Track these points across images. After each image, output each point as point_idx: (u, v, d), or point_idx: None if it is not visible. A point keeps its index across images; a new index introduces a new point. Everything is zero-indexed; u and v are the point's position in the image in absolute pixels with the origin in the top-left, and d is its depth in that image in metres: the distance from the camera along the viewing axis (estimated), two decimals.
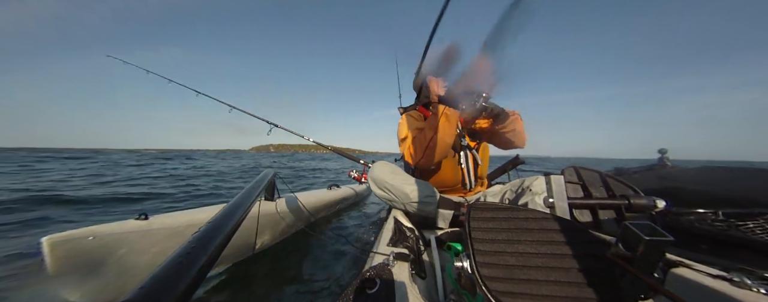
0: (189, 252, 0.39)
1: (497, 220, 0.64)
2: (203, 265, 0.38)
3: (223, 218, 0.53)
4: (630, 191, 1.24)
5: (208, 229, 0.47)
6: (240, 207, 0.62)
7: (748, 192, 1.33)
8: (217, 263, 0.44)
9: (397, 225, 0.97)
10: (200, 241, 0.43)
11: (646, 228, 0.53)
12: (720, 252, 1.09)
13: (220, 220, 0.52)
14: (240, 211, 0.60)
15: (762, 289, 0.51)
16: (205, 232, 0.46)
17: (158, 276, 0.33)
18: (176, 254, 0.38)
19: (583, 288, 0.51)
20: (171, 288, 0.32)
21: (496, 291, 0.50)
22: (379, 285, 0.53)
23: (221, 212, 0.56)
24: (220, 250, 0.45)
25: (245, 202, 0.68)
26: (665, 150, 2.29)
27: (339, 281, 1.32)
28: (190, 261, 0.37)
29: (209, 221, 0.50)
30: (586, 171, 1.37)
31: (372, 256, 0.77)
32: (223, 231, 0.48)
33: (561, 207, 0.98)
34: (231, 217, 0.55)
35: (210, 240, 0.44)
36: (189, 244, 0.41)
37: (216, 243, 0.44)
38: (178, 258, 0.37)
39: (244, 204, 0.66)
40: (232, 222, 0.53)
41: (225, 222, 0.52)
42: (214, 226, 0.49)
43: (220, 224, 0.50)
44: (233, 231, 0.52)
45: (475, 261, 0.56)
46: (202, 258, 0.39)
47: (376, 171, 1.25)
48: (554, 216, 0.65)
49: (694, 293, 0.57)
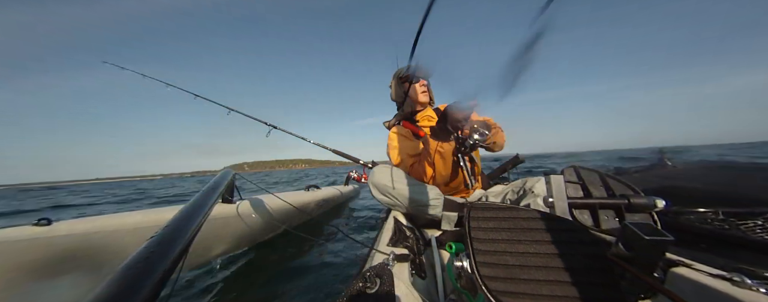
0: (147, 258, 0.36)
1: (497, 220, 0.64)
2: (163, 274, 0.35)
3: (179, 222, 0.49)
4: (630, 191, 1.24)
5: (166, 233, 0.44)
6: (196, 211, 0.57)
7: (748, 191, 1.33)
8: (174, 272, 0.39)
9: (397, 225, 0.97)
10: (160, 246, 0.39)
11: (646, 227, 0.53)
12: (720, 251, 1.09)
13: (177, 224, 0.47)
14: (196, 215, 0.55)
15: (762, 289, 0.51)
16: (162, 237, 0.42)
17: (113, 284, 0.31)
18: (133, 260, 0.35)
19: (583, 287, 0.51)
20: (127, 296, 0.30)
21: (496, 291, 0.50)
22: (379, 285, 0.53)
23: (178, 215, 0.52)
24: (180, 257, 0.41)
25: (202, 205, 0.61)
26: (665, 149, 2.29)
27: (338, 281, 1.31)
28: (148, 266, 0.35)
29: (166, 224, 0.46)
30: (586, 170, 1.37)
31: (372, 256, 0.77)
32: (181, 235, 0.44)
33: (561, 207, 0.98)
34: (189, 220, 0.50)
35: (169, 244, 0.41)
36: (144, 250, 0.38)
37: (176, 248, 0.41)
38: (136, 263, 0.34)
39: (200, 207, 0.60)
40: (191, 225, 0.49)
41: (183, 226, 0.47)
42: (173, 230, 0.45)
43: (177, 227, 0.46)
44: (192, 236, 0.48)
45: (475, 261, 0.56)
46: (162, 264, 0.36)
47: (377, 176, 1.22)
48: (554, 216, 0.65)
49: (695, 293, 0.57)
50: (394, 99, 1.56)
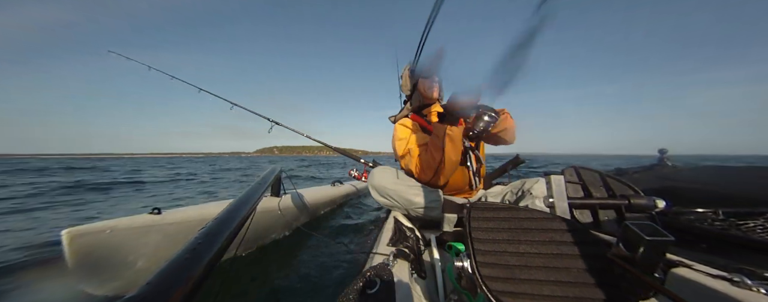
0: (195, 249, 0.39)
1: (498, 220, 0.64)
2: (209, 261, 0.39)
3: (228, 214, 0.53)
4: (630, 191, 1.24)
5: (213, 225, 0.47)
6: (245, 204, 0.63)
7: (748, 192, 1.33)
8: (222, 259, 0.44)
9: (397, 225, 0.97)
10: (206, 237, 0.43)
11: (646, 228, 0.53)
12: (720, 251, 1.09)
13: (225, 216, 0.52)
14: (245, 207, 0.61)
15: (762, 289, 0.51)
16: (211, 228, 0.46)
17: (164, 273, 0.33)
18: (183, 250, 0.39)
19: (583, 288, 0.51)
20: (176, 284, 0.32)
21: (497, 291, 0.50)
22: (380, 285, 0.53)
23: (227, 208, 0.57)
24: (226, 246, 0.45)
25: (250, 199, 0.69)
26: (665, 150, 2.29)
27: (339, 281, 1.31)
28: (196, 257, 0.38)
29: (215, 217, 0.51)
30: (587, 171, 1.36)
31: (372, 256, 0.77)
32: (228, 227, 0.49)
33: (561, 207, 0.98)
34: (236, 213, 0.55)
35: (215, 236, 0.44)
36: (195, 240, 0.41)
37: (221, 240, 0.44)
38: (184, 254, 0.38)
39: (249, 200, 0.67)
40: (237, 218, 0.54)
41: (230, 218, 0.52)
42: (220, 222, 0.49)
43: (225, 220, 0.51)
44: (239, 227, 0.52)
45: (476, 261, 0.56)
46: (207, 254, 0.39)
47: (377, 178, 1.20)
48: (554, 216, 0.64)
49: (695, 293, 0.57)
50: (404, 91, 1.54)
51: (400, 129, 1.33)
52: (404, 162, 1.26)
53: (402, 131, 1.32)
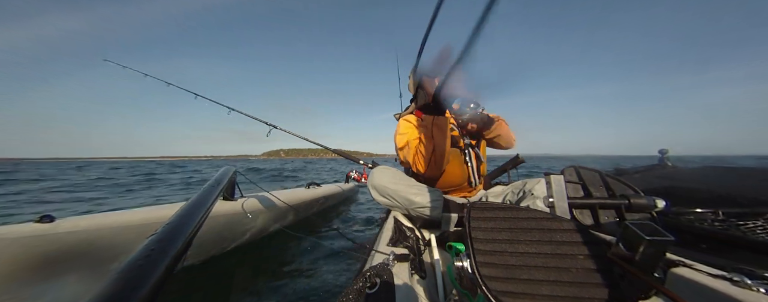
0: (148, 255, 0.36)
1: (497, 220, 0.64)
2: (165, 269, 0.35)
3: (180, 219, 0.48)
4: (630, 191, 1.24)
5: (166, 231, 0.43)
6: (197, 208, 0.57)
7: (749, 192, 1.32)
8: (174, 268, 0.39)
9: (397, 225, 0.97)
10: (160, 244, 0.39)
11: (646, 227, 0.53)
12: (720, 251, 1.09)
13: (177, 221, 0.47)
14: (197, 212, 0.55)
15: (762, 289, 0.51)
16: (163, 234, 0.42)
17: (117, 282, 0.31)
18: (134, 258, 0.35)
19: (583, 287, 0.51)
20: (129, 293, 0.30)
21: (497, 291, 0.50)
22: (379, 285, 0.53)
23: (178, 213, 0.51)
24: (182, 253, 0.41)
25: (203, 203, 0.61)
26: (665, 150, 2.28)
27: (336, 282, 1.31)
28: (150, 264, 0.34)
29: (167, 222, 0.46)
30: (586, 170, 1.36)
31: (372, 256, 0.77)
32: (182, 232, 0.45)
33: (561, 207, 0.98)
34: (188, 218, 0.50)
35: (170, 241, 0.41)
36: (147, 247, 0.38)
37: (175, 246, 0.40)
38: (136, 261, 0.34)
39: (201, 204, 0.60)
40: (190, 223, 0.49)
41: (182, 223, 0.47)
42: (173, 228, 0.45)
43: (177, 225, 0.46)
44: (194, 233, 0.48)
45: (476, 261, 0.56)
46: (163, 262, 0.36)
47: (376, 178, 1.21)
48: (554, 216, 0.65)
49: (695, 293, 0.57)
50: (410, 91, 1.56)
51: (403, 124, 1.36)
52: (402, 153, 1.28)
53: (404, 126, 1.35)
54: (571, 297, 0.50)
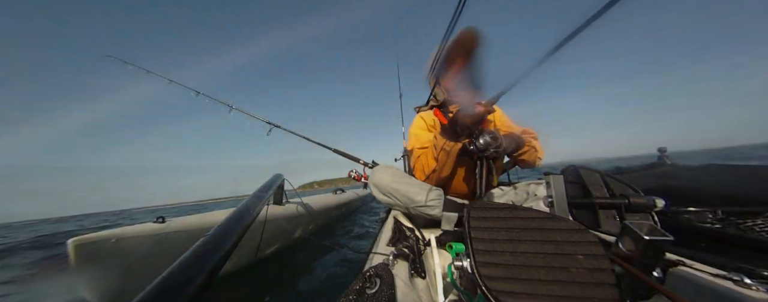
0: (198, 255, 0.39)
1: (497, 220, 0.64)
2: (212, 268, 0.39)
3: (231, 222, 0.53)
4: (630, 190, 1.24)
5: (216, 233, 0.47)
6: (248, 211, 0.63)
7: (748, 190, 1.32)
8: (224, 266, 0.44)
9: (397, 225, 0.97)
10: (208, 245, 0.43)
11: (646, 227, 0.53)
12: (720, 250, 1.09)
13: (228, 224, 0.52)
14: (248, 215, 0.61)
15: (762, 288, 0.51)
16: (213, 236, 0.46)
17: (167, 279, 0.33)
18: (185, 257, 0.39)
19: (583, 287, 0.51)
20: (178, 290, 0.32)
21: (496, 291, 0.50)
22: (379, 285, 0.53)
23: (229, 216, 0.57)
24: (229, 253, 0.45)
25: (253, 206, 0.69)
26: (665, 148, 2.29)
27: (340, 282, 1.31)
28: (199, 264, 0.38)
29: (219, 224, 0.51)
30: (586, 170, 1.36)
31: (372, 256, 0.77)
32: (231, 234, 0.49)
33: (561, 207, 0.99)
34: (239, 221, 0.55)
35: (218, 243, 0.44)
36: (197, 248, 0.41)
37: (224, 247, 0.44)
38: (186, 261, 0.38)
39: (252, 208, 0.67)
40: (240, 225, 0.53)
41: (233, 226, 0.52)
42: (223, 230, 0.49)
43: (228, 228, 0.51)
44: (241, 234, 0.53)
45: (475, 261, 0.56)
46: (209, 261, 0.39)
47: (378, 176, 1.22)
48: (554, 216, 0.65)
49: (695, 292, 0.57)
50: (427, 79, 1.47)
51: (418, 122, 1.35)
52: (413, 156, 1.29)
53: (417, 125, 1.34)
54: (571, 296, 0.50)
